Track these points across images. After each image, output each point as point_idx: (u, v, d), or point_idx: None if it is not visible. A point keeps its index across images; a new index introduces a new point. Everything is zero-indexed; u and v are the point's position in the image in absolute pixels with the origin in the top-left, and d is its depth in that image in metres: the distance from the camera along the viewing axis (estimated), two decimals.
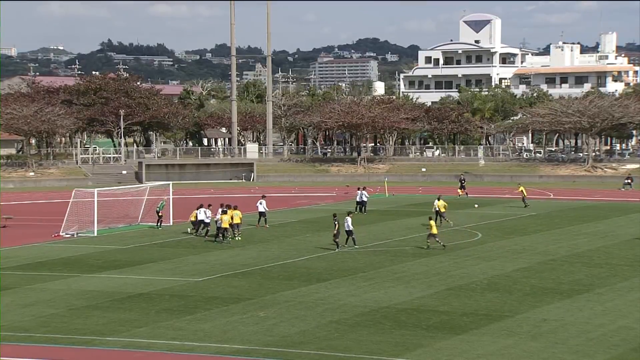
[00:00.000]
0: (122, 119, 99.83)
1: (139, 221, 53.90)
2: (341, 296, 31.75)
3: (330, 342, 25.40)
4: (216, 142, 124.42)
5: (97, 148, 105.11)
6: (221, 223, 45.56)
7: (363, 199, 59.75)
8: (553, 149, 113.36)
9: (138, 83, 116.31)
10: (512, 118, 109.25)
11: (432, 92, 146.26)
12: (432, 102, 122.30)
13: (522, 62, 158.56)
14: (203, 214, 48.05)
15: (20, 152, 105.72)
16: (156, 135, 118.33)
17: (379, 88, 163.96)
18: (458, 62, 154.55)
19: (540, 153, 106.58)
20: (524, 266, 37.81)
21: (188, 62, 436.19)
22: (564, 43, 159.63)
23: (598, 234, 48.25)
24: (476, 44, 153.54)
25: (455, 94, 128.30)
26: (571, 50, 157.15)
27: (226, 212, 46.16)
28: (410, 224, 52.42)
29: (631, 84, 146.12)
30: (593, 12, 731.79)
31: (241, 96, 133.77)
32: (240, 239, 46.27)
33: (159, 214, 51.82)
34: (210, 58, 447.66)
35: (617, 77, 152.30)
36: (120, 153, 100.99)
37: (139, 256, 41.63)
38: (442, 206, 51.97)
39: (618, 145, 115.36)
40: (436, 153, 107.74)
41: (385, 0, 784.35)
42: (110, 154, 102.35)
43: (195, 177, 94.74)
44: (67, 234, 49.30)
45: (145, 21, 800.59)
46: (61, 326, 27.68)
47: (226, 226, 45.53)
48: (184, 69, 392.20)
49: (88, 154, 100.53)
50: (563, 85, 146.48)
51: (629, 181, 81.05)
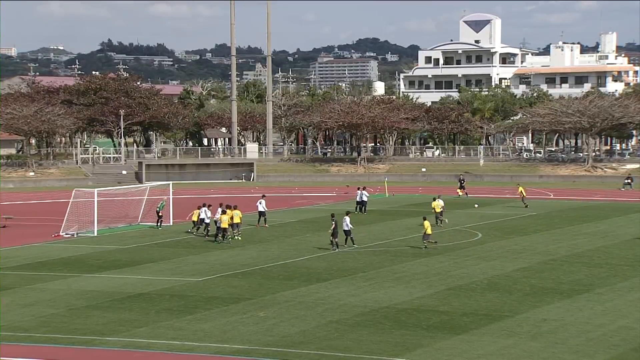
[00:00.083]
0: (122, 119, 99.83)
1: (139, 221, 53.91)
2: (341, 296, 31.75)
3: (330, 342, 25.40)
4: (216, 142, 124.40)
5: (97, 148, 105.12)
6: (221, 223, 45.63)
7: (363, 199, 59.81)
8: (553, 149, 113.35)
9: (138, 83, 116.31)
10: (512, 118, 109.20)
11: (432, 92, 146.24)
12: (432, 102, 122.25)
13: (522, 62, 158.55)
14: (204, 214, 48.11)
15: (20, 152, 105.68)
16: (156, 135, 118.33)
17: (379, 88, 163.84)
18: (458, 62, 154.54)
19: (540, 153, 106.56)
20: (524, 266, 37.81)
21: (188, 62, 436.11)
22: (564, 43, 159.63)
23: (598, 234, 48.25)
24: (476, 44, 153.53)
25: (455, 94, 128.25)
26: (571, 50, 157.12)
27: (225, 212, 46.20)
28: (410, 224, 52.41)
29: (631, 84, 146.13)
30: (593, 12, 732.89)
31: (241, 96, 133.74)
32: (240, 239, 46.30)
33: (159, 214, 51.85)
34: (210, 58, 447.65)
35: (617, 77, 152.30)
36: (120, 153, 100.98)
37: (139, 256, 41.64)
38: (438, 207, 52.08)
39: (618, 145, 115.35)
40: (436, 153, 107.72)
41: (385, 0, 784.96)
42: (110, 154, 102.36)
43: (195, 177, 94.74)
44: (67, 234, 49.30)
45: (145, 21, 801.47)
46: (61, 326, 27.68)
47: (225, 226, 45.58)
48: (184, 69, 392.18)
49: (88, 154, 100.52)
50: (563, 85, 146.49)
51: (629, 181, 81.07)
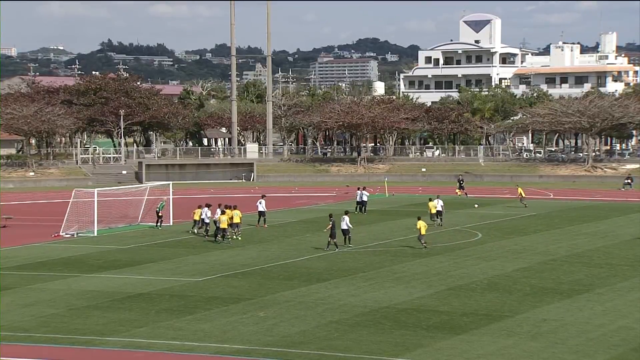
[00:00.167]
0: (122, 119, 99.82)
1: (139, 221, 53.91)
2: (341, 296, 31.75)
3: (330, 342, 25.40)
4: (216, 142, 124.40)
5: (97, 148, 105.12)
6: (220, 223, 45.62)
7: (363, 199, 59.82)
8: (553, 149, 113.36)
9: (138, 83, 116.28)
10: (512, 118, 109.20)
11: (432, 92, 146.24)
12: (432, 102, 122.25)
13: (522, 62, 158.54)
14: (204, 214, 48.10)
15: (20, 152, 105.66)
16: (156, 135, 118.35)
17: (379, 88, 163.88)
18: (458, 62, 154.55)
19: (540, 153, 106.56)
20: (524, 266, 37.81)
21: (188, 62, 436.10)
22: (564, 43, 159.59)
23: (598, 234, 48.26)
24: (476, 44, 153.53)
25: (455, 94, 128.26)
26: (571, 50, 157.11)
27: (225, 212, 46.21)
28: (410, 224, 52.15)
29: (631, 84, 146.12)
30: (593, 12, 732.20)
31: (241, 96, 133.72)
32: (240, 239, 46.30)
33: (159, 214, 51.84)
34: (210, 58, 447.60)
35: (617, 77, 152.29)
36: (120, 153, 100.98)
37: (139, 256, 41.63)
38: (433, 207, 52.30)
39: (618, 145, 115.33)
40: (436, 153, 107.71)
41: (385, 0, 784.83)
42: (110, 154, 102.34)
43: (195, 177, 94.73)
44: (67, 234, 49.29)
45: (145, 21, 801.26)
46: (61, 326, 27.67)
47: (225, 226, 45.55)
48: (184, 69, 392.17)
49: (88, 154, 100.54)
50: (563, 85, 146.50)
51: (629, 181, 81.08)
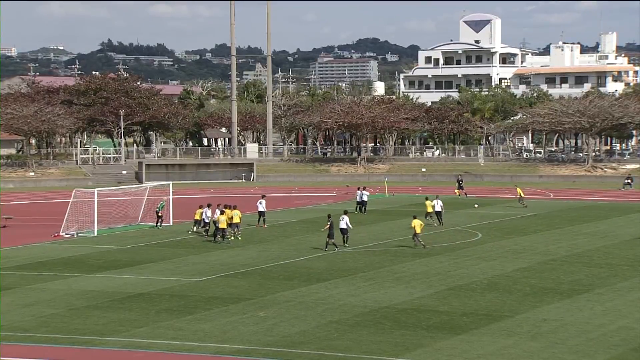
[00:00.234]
0: (122, 119, 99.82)
1: (139, 221, 53.91)
2: (341, 296, 31.74)
3: (330, 342, 25.40)
4: (216, 142, 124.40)
5: (97, 148, 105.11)
6: (219, 223, 45.59)
7: (363, 199, 59.81)
8: (553, 149, 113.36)
9: (138, 83, 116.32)
10: (512, 118, 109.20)
11: (432, 92, 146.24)
12: (432, 102, 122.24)
13: (522, 62, 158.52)
14: (205, 213, 48.07)
15: (20, 152, 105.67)
16: (156, 135, 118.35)
17: (379, 88, 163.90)
18: (458, 62, 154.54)
19: (540, 153, 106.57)
20: (524, 266, 37.81)
21: (188, 62, 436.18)
22: (564, 43, 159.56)
23: (598, 234, 48.25)
24: (476, 44, 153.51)
25: (455, 94, 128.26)
26: (571, 50, 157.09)
27: (224, 212, 46.20)
28: (410, 224, 52.26)
29: (631, 84, 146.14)
30: (593, 12, 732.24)
31: (241, 96, 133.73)
32: (240, 239, 46.31)
33: (159, 214, 51.82)
34: (210, 58, 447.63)
35: (617, 77, 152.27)
36: (120, 153, 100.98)
37: (139, 256, 41.63)
38: (430, 206, 52.38)
39: (618, 145, 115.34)
40: (436, 153, 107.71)
41: (385, 0, 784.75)
42: (110, 154, 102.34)
43: (195, 177, 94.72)
44: (67, 234, 49.29)
45: (145, 21, 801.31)
46: (61, 326, 27.67)
47: (224, 226, 45.51)
48: (184, 69, 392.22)
49: (88, 154, 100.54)
50: (563, 85, 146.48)
51: (629, 181, 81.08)
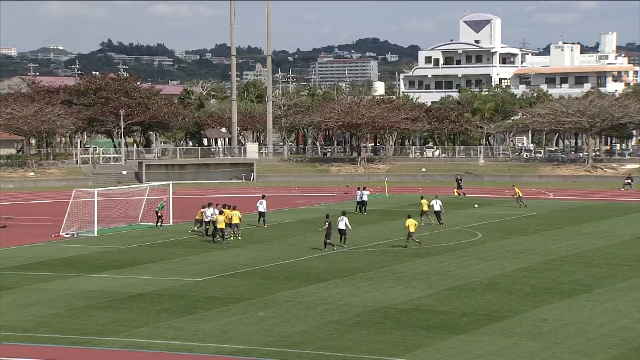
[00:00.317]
0: (122, 119, 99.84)
1: (139, 221, 53.90)
2: (341, 296, 31.74)
3: (330, 342, 25.39)
4: (216, 142, 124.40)
5: (97, 148, 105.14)
6: (217, 223, 45.53)
7: (364, 199, 59.82)
8: (553, 149, 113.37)
9: (138, 83, 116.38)
10: (512, 118, 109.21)
11: (432, 92, 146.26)
12: (432, 102, 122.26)
13: (522, 62, 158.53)
14: (205, 213, 48.04)
15: (20, 152, 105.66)
16: (156, 135, 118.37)
17: (379, 88, 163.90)
18: (458, 62, 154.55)
19: (540, 153, 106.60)
20: (524, 266, 37.79)
21: (188, 62, 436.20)
22: (564, 43, 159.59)
23: (598, 234, 48.24)
24: (476, 44, 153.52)
25: (455, 94, 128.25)
26: (571, 50, 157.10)
27: (222, 213, 46.14)
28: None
29: (631, 84, 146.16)
30: (593, 12, 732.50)
31: (241, 96, 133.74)
32: (240, 238, 46.31)
33: (159, 215, 51.80)
34: (210, 58, 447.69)
35: (617, 77, 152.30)
36: (120, 153, 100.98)
37: (139, 256, 41.62)
38: (425, 205, 52.38)
39: (618, 145, 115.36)
40: (436, 153, 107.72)
41: (385, 0, 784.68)
42: (110, 154, 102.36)
43: (195, 177, 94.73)
44: (67, 234, 49.27)
45: (145, 21, 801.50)
46: (61, 326, 27.65)
47: (222, 226, 45.44)
48: (184, 69, 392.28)
49: (88, 154, 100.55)
50: (563, 85, 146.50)
51: (629, 181, 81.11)
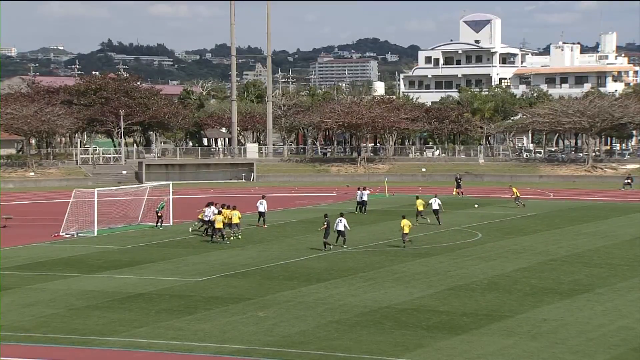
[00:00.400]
0: (122, 119, 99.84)
1: (139, 221, 53.90)
2: (341, 296, 31.74)
3: (330, 342, 25.39)
4: (216, 142, 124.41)
5: (97, 148, 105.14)
6: (215, 223, 45.51)
7: (364, 199, 59.83)
8: (553, 149, 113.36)
9: (138, 83, 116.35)
10: (512, 118, 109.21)
11: (432, 92, 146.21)
12: (432, 102, 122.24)
13: (522, 62, 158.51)
14: (206, 212, 48.06)
15: (20, 152, 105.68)
16: (156, 135, 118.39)
17: (379, 88, 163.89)
18: (458, 62, 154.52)
19: (540, 153, 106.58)
20: (524, 266, 37.80)
21: (188, 62, 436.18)
22: (564, 43, 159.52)
23: (598, 234, 48.25)
24: (476, 44, 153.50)
25: (455, 94, 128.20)
26: (571, 50, 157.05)
27: (220, 213, 46.10)
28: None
29: (631, 84, 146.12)
30: (593, 12, 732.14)
31: (241, 96, 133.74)
32: (240, 237, 46.33)
33: (159, 215, 51.80)
34: (210, 58, 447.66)
35: (617, 77, 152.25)
36: (120, 153, 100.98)
37: (139, 256, 41.62)
38: (421, 204, 52.30)
39: (618, 145, 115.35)
40: (436, 153, 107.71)
41: (385, 0, 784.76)
42: (110, 154, 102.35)
43: (195, 177, 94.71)
44: (67, 234, 49.27)
45: (145, 21, 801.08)
46: (61, 326, 27.66)
47: (220, 226, 45.41)
48: (184, 69, 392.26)
49: (88, 154, 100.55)
50: (563, 85, 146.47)
51: (629, 181, 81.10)
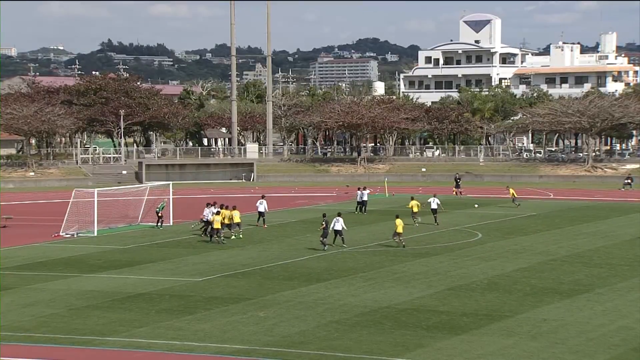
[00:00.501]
0: (122, 119, 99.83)
1: (139, 221, 53.90)
2: (341, 296, 31.74)
3: (330, 342, 25.39)
4: (216, 142, 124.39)
5: (97, 148, 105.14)
6: (213, 223, 45.49)
7: (364, 199, 59.83)
8: (553, 149, 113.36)
9: (138, 83, 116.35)
10: (512, 118, 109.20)
11: (432, 92, 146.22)
12: (432, 102, 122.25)
13: (522, 62, 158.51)
14: (206, 212, 48.02)
15: (20, 152, 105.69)
16: (156, 135, 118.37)
17: (379, 88, 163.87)
18: (458, 62, 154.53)
19: (540, 153, 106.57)
20: (524, 266, 37.80)
21: (188, 62, 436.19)
22: (564, 43, 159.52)
23: (598, 234, 48.25)
24: (476, 44, 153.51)
25: (455, 94, 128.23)
26: (571, 50, 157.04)
27: (219, 213, 46.08)
28: (410, 224, 52.30)
29: (631, 84, 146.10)
30: (593, 12, 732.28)
31: (241, 96, 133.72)
32: (241, 237, 46.33)
33: (159, 215, 51.79)
34: (210, 58, 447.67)
35: (617, 77, 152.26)
36: (120, 153, 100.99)
37: (139, 256, 41.62)
38: (415, 205, 52.13)
39: (618, 145, 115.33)
40: (436, 153, 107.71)
41: (385, 0, 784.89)
42: (110, 154, 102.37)
43: (195, 177, 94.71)
44: (67, 234, 49.27)
45: (145, 21, 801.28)
46: (61, 326, 27.66)
47: (218, 227, 45.35)
48: (184, 69, 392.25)
49: (88, 154, 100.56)
50: (563, 85, 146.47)
51: (629, 181, 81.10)
